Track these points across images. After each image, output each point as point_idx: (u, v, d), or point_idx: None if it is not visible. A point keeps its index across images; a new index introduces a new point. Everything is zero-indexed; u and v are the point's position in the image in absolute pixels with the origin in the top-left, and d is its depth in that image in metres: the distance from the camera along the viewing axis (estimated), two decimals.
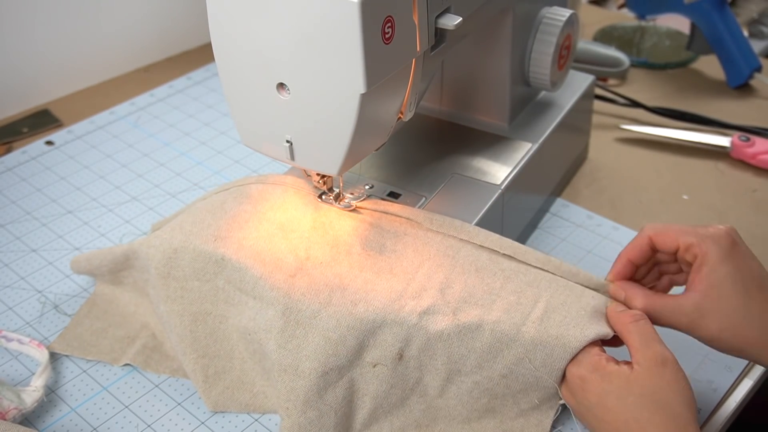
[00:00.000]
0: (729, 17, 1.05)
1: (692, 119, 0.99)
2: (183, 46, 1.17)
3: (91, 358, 0.68)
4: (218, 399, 0.64)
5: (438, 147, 0.76)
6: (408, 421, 0.60)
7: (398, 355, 0.59)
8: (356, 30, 0.51)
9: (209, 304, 0.65)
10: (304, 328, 0.59)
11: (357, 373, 0.60)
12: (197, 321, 0.65)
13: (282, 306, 0.60)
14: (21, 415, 0.61)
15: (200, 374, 0.64)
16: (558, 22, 0.76)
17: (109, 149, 0.96)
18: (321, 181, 0.66)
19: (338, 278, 0.61)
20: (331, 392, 0.59)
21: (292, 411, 0.59)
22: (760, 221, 0.84)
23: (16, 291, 0.76)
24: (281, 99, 0.57)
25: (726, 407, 0.65)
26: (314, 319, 0.59)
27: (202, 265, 0.65)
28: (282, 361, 0.59)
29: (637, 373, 0.55)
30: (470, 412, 0.60)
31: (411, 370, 0.59)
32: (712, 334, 0.58)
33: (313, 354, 0.58)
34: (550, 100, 0.84)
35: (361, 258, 0.62)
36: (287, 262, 0.62)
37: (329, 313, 0.59)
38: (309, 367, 0.58)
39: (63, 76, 1.06)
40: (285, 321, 0.59)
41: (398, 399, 0.60)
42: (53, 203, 0.87)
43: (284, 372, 0.59)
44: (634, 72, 1.11)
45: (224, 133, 0.99)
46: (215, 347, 0.65)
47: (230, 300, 0.64)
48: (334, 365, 0.59)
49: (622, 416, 0.54)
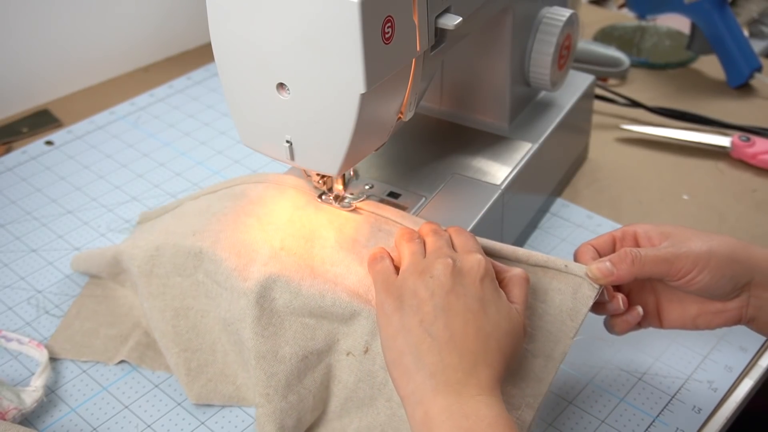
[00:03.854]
0: (729, 17, 1.05)
1: (692, 119, 0.99)
2: (183, 46, 1.17)
3: (85, 359, 0.68)
4: (201, 391, 0.64)
5: (438, 147, 0.76)
6: (374, 424, 0.60)
7: (365, 348, 0.60)
8: (356, 30, 0.51)
9: (191, 299, 0.66)
10: (280, 316, 0.60)
11: (334, 359, 0.61)
12: (179, 316, 0.66)
13: (255, 295, 0.60)
14: (21, 415, 0.61)
15: (183, 368, 0.65)
16: (558, 22, 0.76)
17: (109, 149, 0.96)
18: (321, 181, 0.66)
19: (309, 269, 0.61)
20: (310, 376, 0.60)
21: (273, 396, 0.59)
22: (760, 221, 0.84)
23: (16, 291, 0.76)
24: (281, 99, 0.57)
25: (726, 407, 0.65)
26: (288, 307, 0.60)
27: (183, 260, 0.66)
28: (259, 348, 0.60)
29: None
30: None
31: (377, 367, 0.60)
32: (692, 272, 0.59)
33: (293, 339, 0.60)
34: (550, 100, 0.84)
35: (334, 251, 0.63)
36: (262, 253, 0.62)
37: (301, 302, 0.60)
38: (289, 352, 0.59)
39: (63, 76, 1.06)
40: (260, 309, 0.60)
41: (367, 396, 0.60)
42: (53, 203, 0.87)
43: (262, 358, 0.60)
44: (634, 72, 1.11)
45: (224, 133, 0.98)
46: (197, 341, 0.66)
47: (210, 293, 0.65)
48: (313, 349, 0.60)
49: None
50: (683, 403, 0.65)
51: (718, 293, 0.59)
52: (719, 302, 0.60)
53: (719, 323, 0.60)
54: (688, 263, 0.57)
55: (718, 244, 0.58)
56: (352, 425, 0.61)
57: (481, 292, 0.54)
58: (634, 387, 0.66)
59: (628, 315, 0.61)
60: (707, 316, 0.61)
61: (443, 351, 0.51)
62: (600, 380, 0.67)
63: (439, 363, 0.51)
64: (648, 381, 0.67)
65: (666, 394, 0.66)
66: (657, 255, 0.58)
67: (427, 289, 0.54)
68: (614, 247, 0.62)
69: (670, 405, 0.65)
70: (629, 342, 0.70)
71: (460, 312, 0.52)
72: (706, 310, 0.60)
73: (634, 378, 0.67)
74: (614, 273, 0.58)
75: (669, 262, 0.58)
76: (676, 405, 0.65)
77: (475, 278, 0.55)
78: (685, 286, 0.58)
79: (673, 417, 0.64)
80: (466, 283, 0.54)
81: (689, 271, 0.57)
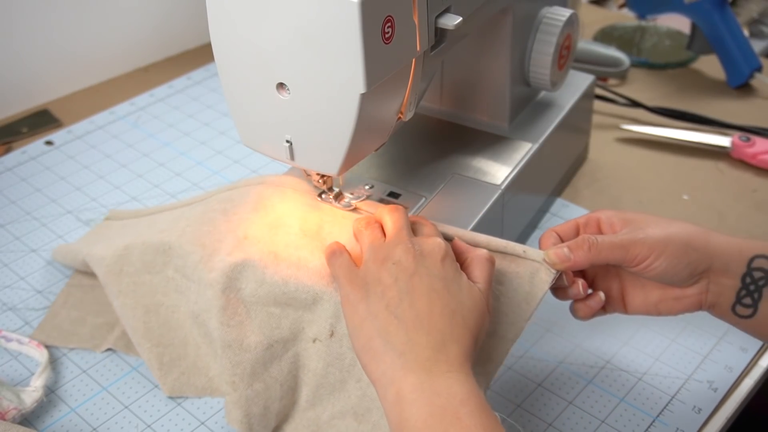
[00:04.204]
0: (729, 17, 1.05)
1: (692, 119, 0.99)
2: (183, 46, 1.17)
3: (72, 346, 0.69)
4: (174, 384, 0.65)
5: (438, 147, 0.76)
6: (347, 407, 0.61)
7: (330, 331, 0.60)
8: (356, 30, 0.51)
9: (161, 295, 0.67)
10: (246, 306, 0.61)
11: (301, 347, 0.61)
12: (150, 312, 0.66)
13: (221, 285, 0.61)
14: (21, 415, 0.61)
15: (155, 362, 0.65)
16: (558, 22, 0.76)
17: (108, 149, 0.96)
18: (321, 180, 0.66)
19: (273, 255, 0.62)
20: (277, 365, 0.61)
21: (239, 384, 0.60)
22: (760, 221, 0.84)
23: (16, 291, 0.76)
24: (281, 99, 0.57)
25: (726, 407, 0.65)
26: (254, 296, 0.61)
27: (152, 257, 0.67)
28: (225, 338, 0.61)
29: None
30: None
31: (345, 349, 0.60)
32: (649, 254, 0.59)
33: (258, 328, 0.61)
34: (550, 100, 0.84)
35: (297, 238, 0.63)
36: (226, 243, 0.63)
37: (266, 290, 0.61)
38: (254, 341, 0.60)
39: (63, 76, 1.05)
40: (226, 299, 0.61)
41: (337, 380, 0.61)
42: (53, 203, 0.87)
43: (228, 347, 0.61)
44: (634, 72, 1.11)
45: (224, 133, 0.98)
46: (169, 336, 0.66)
47: (179, 288, 0.66)
48: (279, 338, 0.61)
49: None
50: (683, 403, 0.65)
51: (676, 280, 0.59)
52: (678, 289, 0.60)
53: (680, 309, 0.61)
54: (644, 250, 0.58)
55: (676, 231, 0.59)
56: (325, 413, 0.62)
57: (443, 272, 0.55)
58: (634, 387, 0.66)
59: (591, 300, 0.62)
60: (668, 302, 0.61)
61: (410, 330, 0.52)
62: (600, 380, 0.67)
63: (408, 342, 0.51)
64: (648, 381, 0.67)
65: (666, 394, 0.66)
66: (613, 241, 0.59)
67: (391, 275, 0.54)
68: (578, 233, 0.63)
69: (670, 405, 0.65)
70: (630, 342, 0.70)
71: (424, 292, 0.53)
72: (667, 296, 0.61)
73: (634, 378, 0.67)
74: (571, 259, 0.59)
75: (625, 248, 0.58)
76: (676, 405, 0.65)
77: (436, 259, 0.55)
78: (642, 272, 0.59)
79: (673, 417, 0.64)
80: (428, 264, 0.55)
81: (645, 258, 0.58)
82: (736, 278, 0.59)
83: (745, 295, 0.59)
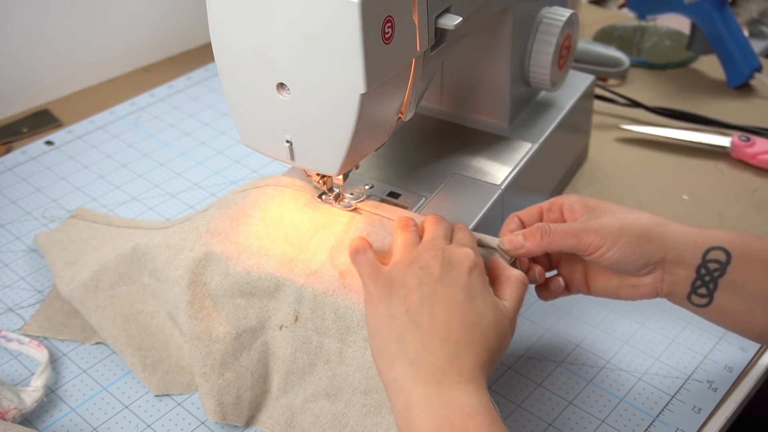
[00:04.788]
0: (729, 17, 1.05)
1: (692, 119, 0.99)
2: (183, 46, 1.17)
3: (63, 337, 0.70)
4: (159, 383, 0.66)
5: (438, 147, 0.76)
6: (318, 389, 0.62)
7: (294, 316, 0.61)
8: (356, 30, 0.51)
9: (139, 303, 0.68)
10: (213, 299, 0.63)
11: (270, 336, 0.63)
12: (129, 321, 0.67)
13: (186, 281, 0.63)
14: (21, 415, 0.61)
15: (138, 365, 0.66)
16: (558, 22, 0.76)
17: (109, 149, 0.96)
18: (321, 181, 0.66)
19: (235, 246, 0.63)
20: (246, 354, 0.62)
21: (210, 374, 0.61)
22: (760, 221, 0.84)
23: (16, 291, 0.75)
24: (281, 99, 0.57)
25: (726, 407, 0.65)
26: (220, 289, 0.62)
27: (126, 267, 0.68)
28: (194, 330, 0.62)
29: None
30: (368, 380, 0.60)
31: (310, 332, 0.61)
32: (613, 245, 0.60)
33: (226, 319, 0.62)
34: (550, 100, 0.84)
35: (259, 228, 0.64)
36: (189, 239, 0.65)
37: (230, 282, 0.62)
38: (223, 331, 0.62)
39: (63, 76, 1.05)
40: (192, 294, 0.63)
41: (306, 364, 0.62)
42: (53, 203, 0.87)
43: (197, 339, 0.62)
44: (634, 72, 1.11)
45: (224, 133, 0.98)
46: (150, 340, 0.67)
47: (156, 293, 0.67)
48: (246, 327, 0.62)
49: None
50: (683, 403, 0.65)
51: (630, 269, 0.60)
52: (635, 277, 0.61)
53: (638, 296, 0.62)
54: (597, 239, 0.59)
55: (632, 222, 0.59)
56: (298, 398, 0.63)
57: (469, 284, 0.54)
58: (634, 387, 0.66)
59: (551, 284, 0.64)
60: (626, 288, 0.62)
61: (426, 339, 0.52)
62: (600, 380, 0.67)
63: (421, 350, 0.51)
64: (648, 381, 0.67)
65: (666, 394, 0.66)
66: (566, 230, 0.59)
67: (416, 278, 0.54)
68: (541, 218, 0.63)
69: (670, 405, 0.65)
70: (630, 342, 0.70)
71: (444, 301, 0.53)
72: (625, 283, 0.62)
73: (634, 378, 0.67)
74: (524, 246, 0.60)
75: (577, 237, 0.59)
76: (676, 405, 0.65)
77: (463, 269, 0.55)
78: (597, 261, 0.60)
79: (673, 417, 0.64)
80: (454, 273, 0.55)
81: (598, 247, 0.59)
82: (691, 269, 0.59)
83: (700, 285, 0.59)
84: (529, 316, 0.73)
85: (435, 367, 0.51)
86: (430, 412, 0.49)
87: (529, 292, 0.64)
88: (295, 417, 0.62)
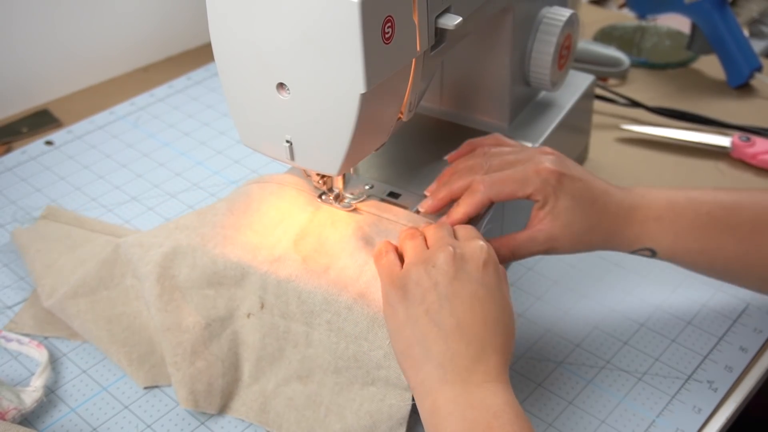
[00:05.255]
0: (729, 17, 1.05)
1: (692, 119, 0.99)
2: (183, 46, 1.17)
3: (48, 335, 0.70)
4: (147, 376, 0.66)
5: (438, 147, 0.76)
6: (290, 373, 0.63)
7: (260, 304, 0.62)
8: (356, 30, 0.51)
9: (120, 305, 0.68)
10: (182, 291, 0.64)
11: (239, 324, 0.64)
12: (111, 322, 0.68)
13: (156, 275, 0.64)
14: (21, 415, 0.61)
15: (124, 361, 0.67)
16: (558, 22, 0.76)
17: (108, 149, 0.96)
18: (321, 181, 0.66)
19: (200, 237, 0.64)
20: (216, 343, 0.64)
21: (181, 364, 0.62)
22: None
23: (16, 291, 0.75)
24: (281, 99, 0.57)
25: (726, 407, 0.65)
26: (188, 281, 0.64)
27: (108, 271, 0.69)
28: (165, 322, 0.64)
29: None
30: (337, 360, 0.61)
31: (276, 318, 0.62)
32: (566, 250, 0.64)
33: (195, 310, 0.64)
34: (550, 100, 0.84)
35: (224, 218, 0.66)
36: (159, 236, 0.66)
37: (198, 273, 0.63)
38: (192, 321, 0.63)
39: (63, 76, 1.05)
40: (161, 287, 0.64)
41: (275, 350, 0.63)
42: (53, 203, 0.87)
43: (168, 331, 0.63)
44: (634, 72, 1.11)
45: (224, 133, 0.98)
46: (134, 338, 0.68)
47: (138, 293, 0.68)
48: (216, 317, 0.64)
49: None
50: (683, 403, 0.65)
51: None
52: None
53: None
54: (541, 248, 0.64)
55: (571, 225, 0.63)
56: (270, 383, 0.63)
57: (486, 278, 0.54)
58: (634, 387, 0.66)
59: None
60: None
61: (450, 339, 0.51)
62: (600, 380, 0.67)
63: (447, 352, 0.51)
64: (648, 381, 0.67)
65: (666, 394, 0.66)
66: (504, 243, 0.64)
67: (431, 278, 0.54)
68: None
69: (670, 405, 0.65)
70: (630, 342, 0.70)
71: (465, 299, 0.53)
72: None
73: (634, 378, 0.67)
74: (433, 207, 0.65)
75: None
76: (676, 405, 0.65)
77: (478, 264, 0.55)
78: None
79: (673, 417, 0.64)
80: (470, 269, 0.54)
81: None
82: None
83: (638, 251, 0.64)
84: (529, 316, 0.73)
85: (462, 368, 0.50)
86: (456, 415, 0.49)
87: (526, 290, 0.64)
88: (268, 402, 0.63)
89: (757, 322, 0.72)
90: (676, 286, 0.75)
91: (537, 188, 0.61)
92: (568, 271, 0.78)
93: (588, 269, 0.78)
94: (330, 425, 0.60)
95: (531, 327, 0.72)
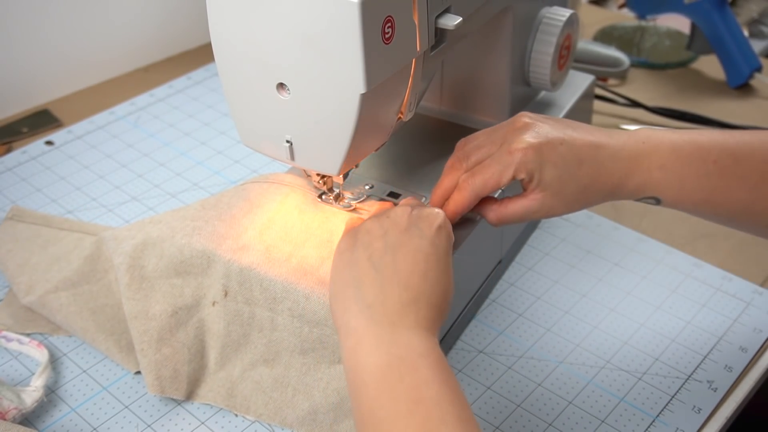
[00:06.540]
0: (729, 17, 1.05)
1: (692, 119, 0.99)
2: (183, 46, 1.17)
3: (30, 331, 0.70)
4: (137, 362, 0.67)
5: (438, 147, 0.76)
6: (255, 357, 0.64)
7: (224, 291, 0.63)
8: (356, 30, 0.51)
9: (103, 298, 0.69)
10: (150, 281, 0.65)
11: (205, 313, 0.65)
12: (96, 313, 0.69)
13: (126, 266, 0.65)
14: (21, 415, 0.61)
15: (114, 348, 0.67)
16: (558, 22, 0.76)
17: (108, 149, 0.96)
18: (321, 181, 0.66)
19: (169, 229, 0.65)
20: (183, 331, 0.65)
21: (148, 350, 0.63)
22: None
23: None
24: (281, 99, 0.57)
25: (726, 407, 0.65)
26: (156, 271, 0.65)
27: (90, 267, 0.70)
28: (132, 310, 0.64)
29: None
30: (302, 342, 0.61)
31: (240, 305, 0.63)
32: (561, 213, 0.62)
33: (162, 298, 0.65)
34: (550, 100, 0.84)
35: (194, 210, 0.67)
36: (133, 230, 0.67)
37: (165, 263, 0.65)
38: (159, 309, 0.64)
39: (63, 76, 1.05)
40: (130, 277, 0.65)
41: (240, 336, 0.64)
42: (53, 203, 0.87)
43: (135, 318, 0.64)
44: (634, 72, 1.11)
45: (224, 133, 0.98)
46: (120, 326, 0.68)
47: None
48: (182, 305, 0.65)
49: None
50: (683, 403, 0.65)
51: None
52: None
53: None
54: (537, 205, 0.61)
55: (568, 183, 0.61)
56: (236, 369, 0.64)
57: (436, 240, 0.54)
58: (634, 387, 0.66)
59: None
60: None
61: (385, 284, 0.51)
62: (600, 380, 0.67)
63: (380, 294, 0.50)
64: (648, 381, 0.67)
65: (666, 394, 0.66)
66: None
67: (382, 227, 0.54)
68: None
69: (670, 405, 0.65)
70: (630, 342, 0.70)
71: (410, 250, 0.52)
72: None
73: (634, 378, 0.67)
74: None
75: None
76: (676, 405, 0.65)
77: (432, 225, 0.55)
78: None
79: (673, 417, 0.64)
80: (422, 226, 0.54)
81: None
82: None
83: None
84: (529, 316, 0.73)
85: (392, 311, 0.49)
86: (380, 350, 0.48)
87: (526, 290, 0.64)
88: (235, 387, 0.64)
89: (757, 322, 0.72)
90: (676, 286, 0.75)
91: (518, 169, 0.60)
92: (568, 271, 0.78)
93: (588, 269, 0.78)
94: (298, 404, 0.62)
95: (531, 327, 0.72)
